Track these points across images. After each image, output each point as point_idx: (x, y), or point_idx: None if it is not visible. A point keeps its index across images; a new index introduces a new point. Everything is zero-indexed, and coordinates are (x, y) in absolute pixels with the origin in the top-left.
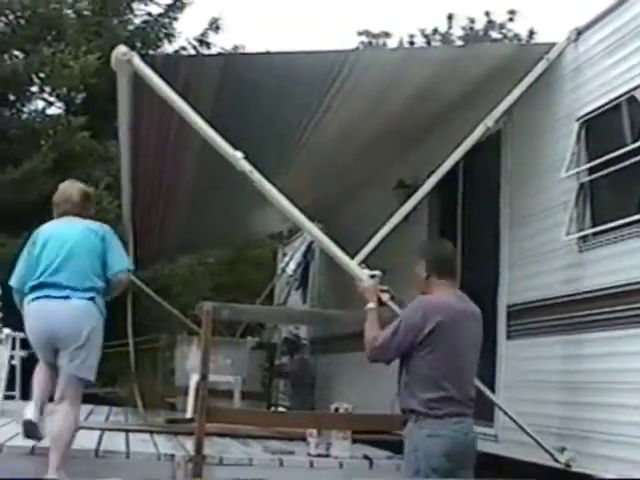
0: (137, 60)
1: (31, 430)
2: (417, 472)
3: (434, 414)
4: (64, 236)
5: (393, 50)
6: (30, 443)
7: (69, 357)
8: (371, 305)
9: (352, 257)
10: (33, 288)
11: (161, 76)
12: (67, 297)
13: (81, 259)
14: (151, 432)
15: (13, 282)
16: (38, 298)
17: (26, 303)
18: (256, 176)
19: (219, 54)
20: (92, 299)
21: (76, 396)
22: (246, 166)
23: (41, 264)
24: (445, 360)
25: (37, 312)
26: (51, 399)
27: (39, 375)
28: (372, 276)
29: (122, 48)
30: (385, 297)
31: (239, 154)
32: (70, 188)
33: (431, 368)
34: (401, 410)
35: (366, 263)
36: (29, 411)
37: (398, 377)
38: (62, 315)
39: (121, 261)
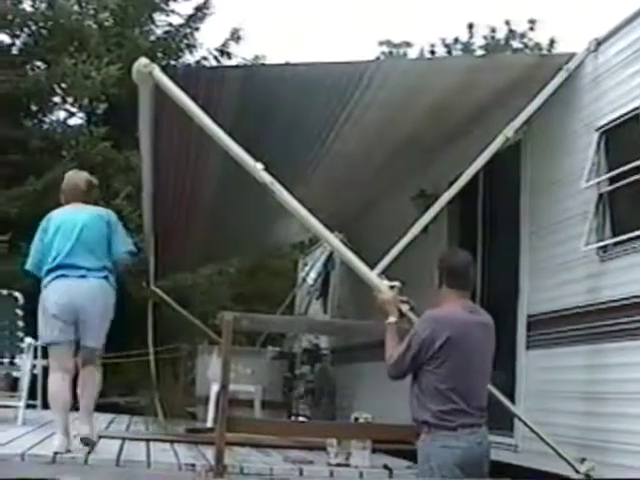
0: (158, 72)
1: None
2: None
3: (446, 426)
4: (73, 221)
5: (413, 60)
6: (51, 452)
7: (89, 329)
8: (391, 319)
9: (372, 267)
10: (50, 270)
11: (182, 88)
12: (84, 276)
13: (91, 242)
14: (172, 441)
15: (29, 266)
16: (58, 277)
17: (46, 283)
18: (277, 187)
19: (239, 66)
20: (105, 277)
21: (96, 360)
22: (267, 177)
23: (55, 248)
24: (455, 373)
25: (60, 288)
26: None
27: (56, 388)
28: (391, 287)
29: (143, 60)
30: (405, 308)
31: (259, 165)
32: (76, 177)
33: (441, 382)
34: (413, 420)
35: (385, 274)
36: (56, 442)
37: (410, 388)
38: (83, 291)
39: (124, 244)
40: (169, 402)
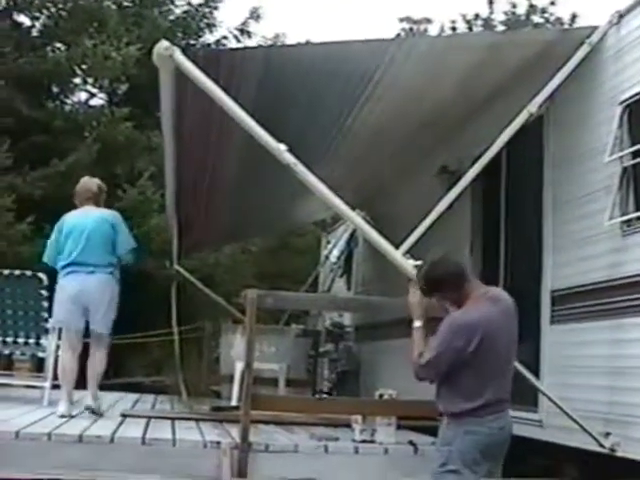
0: (179, 55)
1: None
2: (444, 465)
3: (474, 415)
4: (83, 225)
5: (434, 38)
6: (77, 431)
7: (97, 316)
8: (417, 324)
9: (395, 245)
10: (64, 266)
11: (203, 70)
12: (92, 272)
13: (98, 242)
14: (197, 420)
15: (45, 259)
16: (71, 272)
17: (62, 276)
18: (300, 168)
19: (260, 46)
20: (111, 272)
21: (105, 344)
22: (290, 158)
23: (68, 247)
24: (486, 371)
25: (72, 282)
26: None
27: (65, 364)
28: (416, 266)
29: (164, 43)
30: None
31: (283, 146)
32: (90, 182)
33: (473, 380)
34: (439, 414)
35: (409, 252)
36: (62, 407)
37: (438, 385)
38: (92, 284)
39: (127, 243)
40: (194, 381)
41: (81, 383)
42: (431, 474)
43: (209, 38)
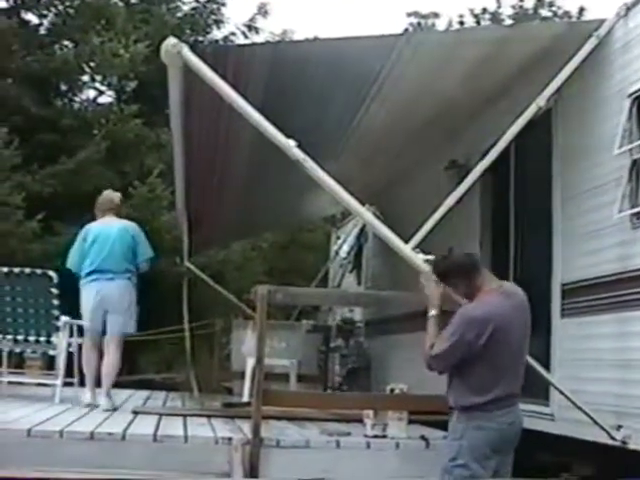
0: (187, 52)
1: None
2: (454, 459)
3: (484, 409)
4: (106, 234)
5: (442, 32)
6: (89, 428)
7: (115, 318)
8: (433, 312)
9: (404, 239)
10: (89, 273)
11: (211, 66)
12: (112, 278)
13: (119, 252)
14: (208, 416)
15: (69, 265)
16: (94, 280)
17: (85, 282)
18: (309, 164)
19: (268, 43)
20: (129, 279)
21: (119, 344)
22: (299, 154)
23: (91, 256)
24: (497, 365)
25: (94, 288)
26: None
27: (89, 359)
28: (426, 260)
29: (172, 40)
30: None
31: (292, 142)
32: (111, 194)
33: (484, 374)
34: (449, 408)
35: (419, 247)
36: (86, 397)
37: (449, 378)
38: (111, 290)
39: (146, 252)
40: (205, 377)
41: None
42: (442, 468)
43: (217, 34)
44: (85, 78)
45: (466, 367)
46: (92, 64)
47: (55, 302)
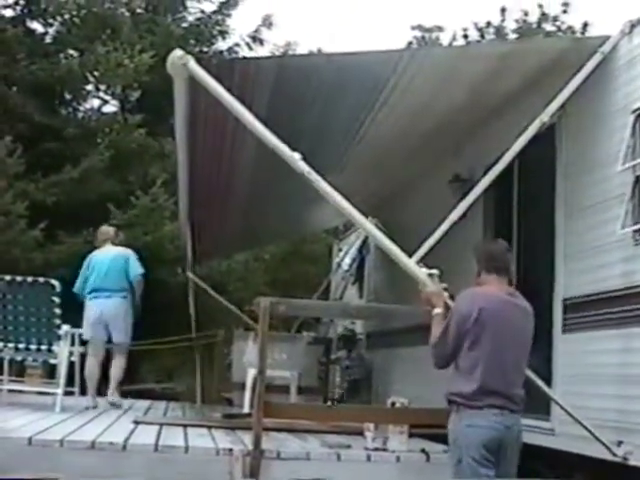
0: (193, 64)
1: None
2: (459, 462)
3: (474, 405)
4: (103, 260)
5: (447, 48)
6: (90, 438)
7: (115, 330)
8: (438, 310)
9: (408, 252)
10: (90, 292)
11: (217, 78)
12: (109, 296)
13: (114, 273)
14: (209, 427)
15: (75, 289)
16: (94, 297)
17: (87, 300)
18: (314, 176)
19: (274, 56)
20: (124, 296)
21: (123, 351)
22: (304, 167)
23: (92, 277)
24: (489, 353)
25: (95, 305)
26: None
27: (91, 368)
28: (430, 274)
29: (178, 52)
30: (445, 295)
31: (297, 155)
32: (107, 228)
33: (475, 360)
34: (446, 399)
35: (423, 261)
36: (88, 401)
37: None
38: (109, 306)
39: (136, 270)
40: (205, 388)
41: (100, 389)
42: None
43: (221, 45)
44: (89, 87)
45: (459, 356)
46: (97, 73)
47: (57, 311)
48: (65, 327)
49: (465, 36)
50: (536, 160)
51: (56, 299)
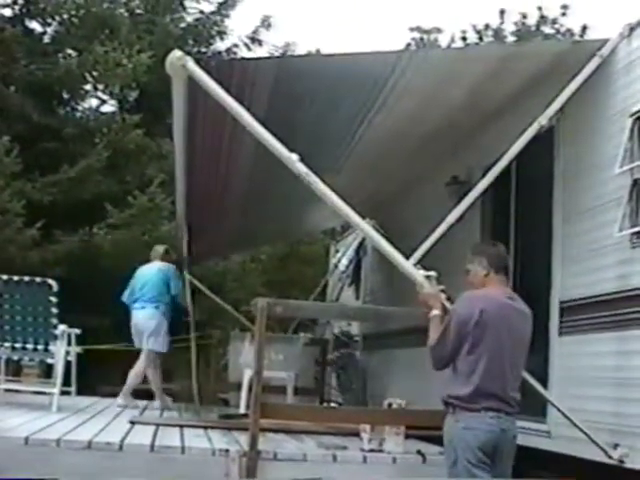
0: (192, 64)
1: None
2: (454, 463)
3: (470, 407)
4: (145, 273)
5: (446, 50)
6: (86, 438)
7: (147, 338)
8: (435, 312)
9: (405, 254)
10: (133, 301)
11: (215, 79)
12: (143, 307)
13: (151, 286)
14: (205, 427)
15: (124, 299)
16: (133, 308)
17: (132, 309)
18: (311, 178)
19: (272, 57)
20: (157, 307)
21: (147, 357)
22: (302, 168)
23: (137, 289)
24: (488, 356)
25: (133, 315)
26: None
27: (155, 375)
28: (427, 277)
29: (177, 52)
30: (442, 297)
31: (295, 156)
32: (159, 247)
33: (474, 363)
34: (442, 401)
35: (420, 263)
36: (120, 399)
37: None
38: (142, 316)
39: (177, 286)
40: (202, 388)
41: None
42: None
43: (220, 46)
44: (88, 87)
45: (458, 358)
46: (95, 73)
47: (54, 310)
48: (62, 327)
49: (464, 38)
50: (534, 163)
51: (53, 299)
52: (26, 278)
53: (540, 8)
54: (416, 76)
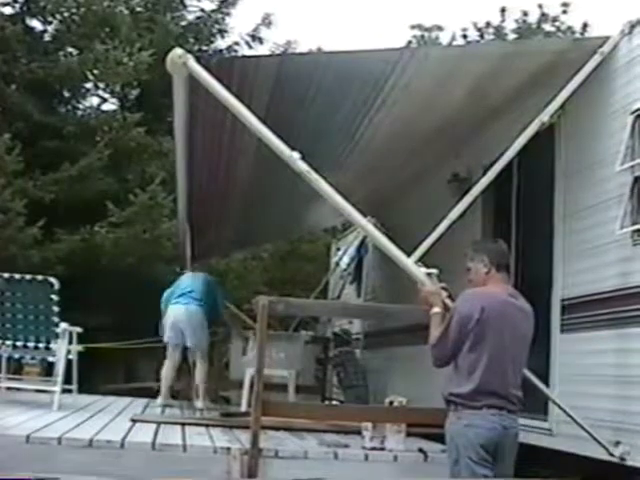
0: (193, 62)
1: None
2: (456, 461)
3: (472, 405)
4: (189, 278)
5: (447, 47)
6: (87, 436)
7: (188, 336)
8: (436, 310)
9: (406, 252)
10: (175, 297)
11: (216, 77)
12: (187, 303)
13: (195, 287)
14: (207, 425)
15: (162, 304)
16: (172, 304)
17: (170, 305)
18: (313, 176)
19: (273, 55)
20: (200, 305)
21: (202, 356)
22: (303, 167)
23: (178, 287)
24: (489, 354)
25: (171, 310)
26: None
27: (166, 371)
28: (428, 274)
29: (178, 51)
30: (444, 295)
31: (296, 154)
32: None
33: (475, 361)
34: (443, 398)
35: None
36: (160, 399)
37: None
38: (183, 312)
39: (223, 303)
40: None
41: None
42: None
43: (221, 44)
44: (88, 85)
45: (460, 355)
46: (96, 71)
47: (55, 309)
48: (63, 325)
49: (464, 36)
50: (535, 160)
51: (54, 297)
52: (27, 276)
53: (541, 6)
54: (417, 74)
